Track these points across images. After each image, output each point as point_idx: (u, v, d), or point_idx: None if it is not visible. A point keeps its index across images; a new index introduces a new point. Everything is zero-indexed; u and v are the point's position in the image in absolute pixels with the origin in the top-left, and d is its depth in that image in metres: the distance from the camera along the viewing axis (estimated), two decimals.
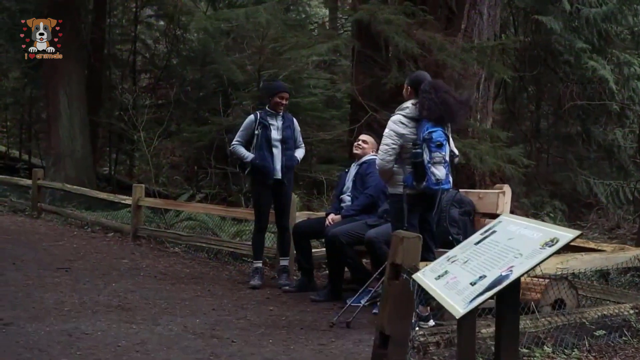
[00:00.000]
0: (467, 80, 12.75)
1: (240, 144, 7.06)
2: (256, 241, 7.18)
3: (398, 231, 4.24)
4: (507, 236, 3.56)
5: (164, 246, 9.34)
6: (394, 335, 4.13)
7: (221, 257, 8.71)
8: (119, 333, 5.03)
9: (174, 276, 7.50)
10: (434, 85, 5.36)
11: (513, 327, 3.16)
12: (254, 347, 4.82)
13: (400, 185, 5.27)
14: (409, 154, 5.23)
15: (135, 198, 9.62)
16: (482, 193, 6.01)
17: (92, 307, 5.83)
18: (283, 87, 7.23)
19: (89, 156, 14.84)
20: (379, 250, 5.84)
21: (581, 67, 13.93)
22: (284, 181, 7.06)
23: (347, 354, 4.74)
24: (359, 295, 6.08)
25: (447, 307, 3.18)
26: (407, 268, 4.09)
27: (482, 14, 13.23)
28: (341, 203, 6.88)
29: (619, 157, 14.38)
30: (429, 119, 5.21)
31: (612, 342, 5.09)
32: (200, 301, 6.30)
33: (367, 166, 6.76)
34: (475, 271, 3.36)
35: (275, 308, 6.12)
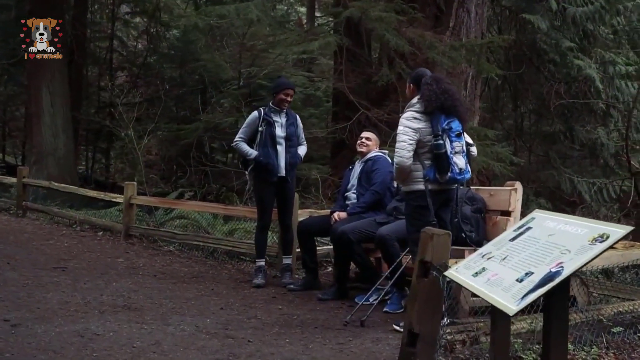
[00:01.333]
0: (455, 78, 12.78)
1: (243, 140, 6.96)
2: (259, 240, 7.09)
3: (428, 228, 4.17)
4: (546, 232, 3.51)
5: (158, 245, 9.20)
6: (423, 334, 4.07)
7: (217, 255, 8.59)
8: (131, 334, 4.91)
9: (173, 275, 7.37)
10: (435, 78, 5.37)
11: (562, 324, 3.12)
12: (272, 347, 4.74)
13: (418, 182, 5.20)
14: (425, 148, 5.18)
15: (127, 196, 9.46)
16: (494, 190, 5.96)
17: (98, 307, 5.69)
18: (288, 84, 7.14)
19: (71, 154, 14.60)
20: (391, 247, 5.79)
21: (566, 65, 14.02)
22: (288, 179, 6.97)
23: (368, 353, 4.67)
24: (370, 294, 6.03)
25: (496, 305, 3.13)
26: (436, 265, 4.04)
27: (469, 13, 13.28)
28: (346, 200, 6.81)
29: (603, 155, 14.48)
30: (432, 108, 5.17)
31: (628, 339, 5.10)
32: (206, 300, 6.19)
33: (372, 163, 6.71)
34: (518, 268, 3.31)
35: (284, 307, 6.04)
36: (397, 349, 4.74)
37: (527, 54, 14.82)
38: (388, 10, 11.38)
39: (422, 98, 5.23)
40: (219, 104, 15.84)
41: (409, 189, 5.27)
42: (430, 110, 5.18)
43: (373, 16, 11.29)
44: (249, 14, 11.03)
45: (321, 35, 11.89)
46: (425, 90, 5.20)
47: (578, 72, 13.72)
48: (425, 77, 5.32)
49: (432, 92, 5.16)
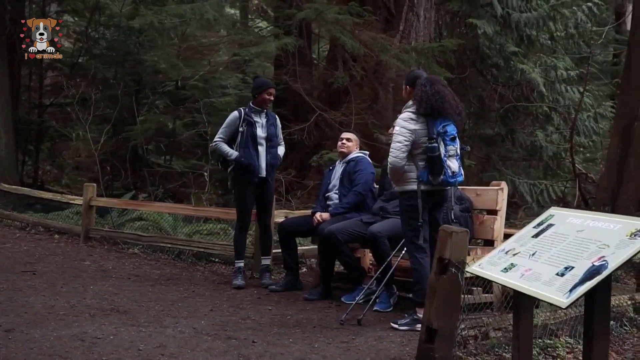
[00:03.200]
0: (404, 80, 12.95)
1: (223, 140, 6.90)
2: (239, 240, 7.03)
3: (445, 226, 4.23)
4: (573, 229, 3.63)
5: (120, 247, 9.01)
6: (442, 330, 4.13)
7: (185, 257, 8.48)
8: (132, 337, 4.80)
9: (148, 278, 7.25)
10: (430, 79, 5.45)
11: (605, 317, 3.23)
12: (279, 347, 4.72)
13: (412, 183, 5.27)
14: (419, 149, 5.25)
15: (87, 198, 9.22)
16: (480, 190, 6.10)
17: (86, 310, 5.55)
18: (270, 83, 7.13)
19: (13, 156, 14.10)
20: (383, 245, 5.85)
21: (510, 69, 14.43)
22: (268, 179, 6.95)
23: (376, 351, 4.70)
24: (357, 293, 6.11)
25: (543, 299, 3.22)
26: (455, 262, 4.11)
27: (419, 17, 13.55)
28: (327, 201, 6.84)
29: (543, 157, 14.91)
30: (423, 109, 5.25)
31: (615, 332, 5.30)
32: (192, 302, 6.11)
33: (355, 164, 6.75)
34: (554, 263, 3.41)
35: (273, 308, 6.02)
36: (402, 345, 4.84)
37: (470, 57, 15.12)
38: (343, 12, 11.50)
39: (415, 99, 5.31)
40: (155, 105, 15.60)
41: (403, 189, 5.34)
42: (421, 112, 5.25)
43: (330, 18, 11.38)
44: (205, 13, 10.94)
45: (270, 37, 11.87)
46: (419, 92, 5.28)
47: (521, 76, 14.12)
48: (420, 79, 5.40)
49: (424, 94, 5.24)
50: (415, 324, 5.26)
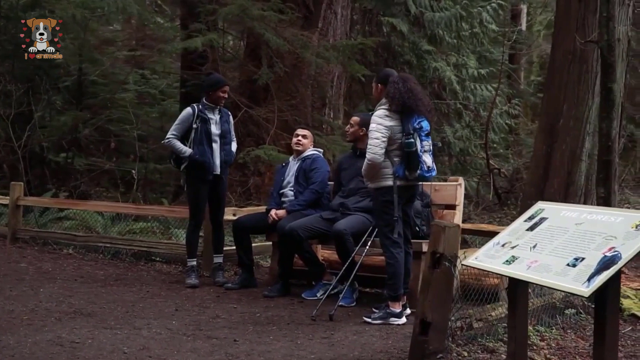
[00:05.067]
0: (322, 78, 13.13)
1: (175, 137, 6.76)
2: (191, 239, 6.93)
3: (438, 221, 4.35)
4: (571, 222, 3.82)
5: (52, 248, 8.67)
6: (435, 322, 4.26)
7: (123, 257, 8.27)
8: (110, 340, 4.66)
9: (94, 279, 7.03)
10: (402, 77, 5.56)
11: (615, 307, 3.42)
12: (263, 345, 4.70)
13: (387, 179, 5.35)
14: (394, 145, 5.34)
15: (14, 197, 8.81)
16: (438, 185, 6.25)
17: (48, 314, 5.34)
18: (225, 81, 7.06)
19: None
20: (348, 242, 5.92)
21: (422, 67, 14.82)
22: (222, 177, 6.89)
23: (361, 345, 4.77)
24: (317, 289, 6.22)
25: (562, 289, 3.39)
26: (448, 256, 4.24)
27: (336, 14, 13.70)
28: (282, 198, 6.84)
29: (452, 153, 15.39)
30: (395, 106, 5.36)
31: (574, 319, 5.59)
32: (152, 303, 5.97)
33: (311, 162, 6.78)
34: (561, 254, 3.57)
35: (238, 306, 5.97)
36: (384, 339, 4.96)
37: (382, 55, 15.41)
38: (267, 9, 11.46)
39: (387, 96, 5.40)
40: (52, 101, 15.03)
41: (378, 185, 5.41)
42: (395, 109, 5.35)
43: (255, 15, 11.32)
44: (127, 7, 10.65)
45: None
46: (391, 89, 5.37)
47: (434, 74, 14.54)
48: (392, 77, 5.50)
49: (396, 91, 5.34)
50: (389, 317, 5.37)
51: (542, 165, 9.21)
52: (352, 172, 6.44)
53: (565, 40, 9.13)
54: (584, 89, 8.94)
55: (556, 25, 9.78)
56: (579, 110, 8.96)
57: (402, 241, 5.44)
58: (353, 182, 6.39)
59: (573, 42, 8.84)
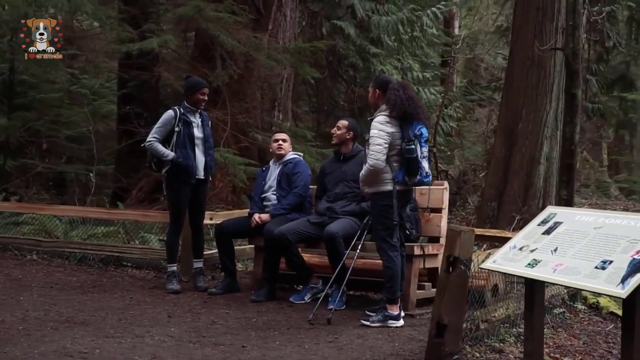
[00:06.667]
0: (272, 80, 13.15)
1: (157, 140, 6.65)
2: (172, 244, 6.83)
3: (454, 225, 4.45)
4: (589, 226, 4.00)
5: (14, 254, 8.39)
6: (451, 324, 4.36)
7: (91, 262, 8.09)
8: (117, 349, 4.57)
9: (70, 286, 6.85)
10: (402, 84, 5.68)
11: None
12: (272, 350, 4.70)
13: (387, 183, 5.43)
14: (394, 151, 5.44)
15: None
16: (424, 189, 6.33)
17: (43, 324, 5.16)
18: (204, 83, 6.98)
19: None
20: (340, 245, 5.98)
21: (368, 70, 15.02)
22: (205, 181, 6.84)
23: (370, 348, 4.82)
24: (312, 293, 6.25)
25: (593, 291, 3.52)
26: (463, 260, 4.35)
27: (286, 17, 13.73)
28: (264, 202, 6.83)
29: None
30: (396, 112, 5.45)
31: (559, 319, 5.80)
32: (141, 310, 5.86)
33: (293, 166, 6.79)
34: (586, 257, 3.73)
35: (230, 311, 5.93)
36: (389, 342, 5.05)
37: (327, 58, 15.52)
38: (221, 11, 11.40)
39: (388, 103, 5.48)
40: None
41: (377, 190, 5.49)
42: (394, 115, 5.44)
43: (211, 16, 11.25)
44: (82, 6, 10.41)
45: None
46: (392, 96, 5.46)
47: None
48: (392, 83, 5.59)
49: (397, 98, 5.43)
50: (387, 320, 5.45)
51: (502, 167, 9.50)
52: (337, 177, 6.50)
53: (524, 46, 9.44)
54: (542, 94, 9.27)
55: (514, 32, 10.09)
56: (537, 115, 9.29)
57: (399, 244, 5.54)
58: (339, 186, 6.44)
59: (531, 48, 9.15)
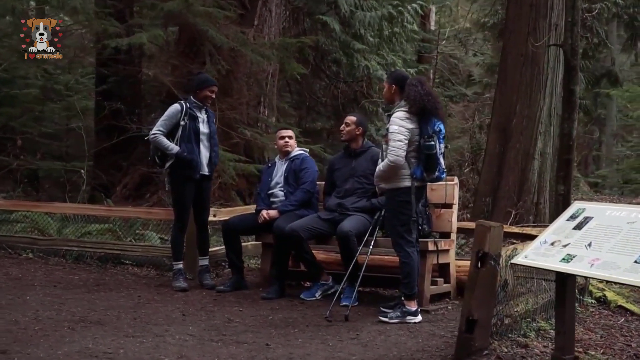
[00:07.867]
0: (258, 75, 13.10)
1: (162, 134, 6.56)
2: (177, 241, 6.76)
3: (483, 221, 4.46)
4: (622, 221, 4.03)
5: (8, 253, 8.22)
6: (481, 320, 4.37)
7: (89, 260, 7.97)
8: (141, 349, 4.50)
9: (73, 284, 6.75)
10: (419, 80, 5.66)
11: None
12: (297, 348, 4.67)
13: (404, 179, 5.43)
14: (412, 147, 5.43)
15: None
16: (435, 185, 6.32)
17: (58, 324, 5.07)
18: (213, 81, 6.93)
19: None
20: (352, 243, 5.96)
21: (352, 66, 15.02)
22: (210, 177, 6.77)
23: (394, 345, 4.82)
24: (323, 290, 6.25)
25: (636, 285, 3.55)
26: (493, 255, 4.36)
27: (271, 12, 13.68)
28: (271, 198, 6.78)
29: None
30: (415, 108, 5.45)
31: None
32: (153, 308, 5.79)
33: (300, 162, 6.76)
34: (623, 252, 3.76)
35: (244, 309, 5.87)
36: (412, 338, 5.05)
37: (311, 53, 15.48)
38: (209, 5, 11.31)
39: (408, 98, 5.46)
40: None
41: (395, 186, 5.48)
42: (413, 111, 5.44)
43: (200, 11, 11.15)
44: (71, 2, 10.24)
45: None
46: (411, 92, 5.44)
47: (364, 72, 14.78)
48: (410, 79, 5.57)
49: (417, 94, 5.42)
50: (405, 316, 5.45)
51: (496, 163, 9.56)
52: (346, 173, 6.48)
53: (517, 43, 9.50)
54: (536, 90, 9.34)
55: (507, 29, 10.15)
56: (531, 111, 9.36)
57: (415, 240, 5.55)
58: (349, 182, 6.42)
59: (525, 45, 9.22)
